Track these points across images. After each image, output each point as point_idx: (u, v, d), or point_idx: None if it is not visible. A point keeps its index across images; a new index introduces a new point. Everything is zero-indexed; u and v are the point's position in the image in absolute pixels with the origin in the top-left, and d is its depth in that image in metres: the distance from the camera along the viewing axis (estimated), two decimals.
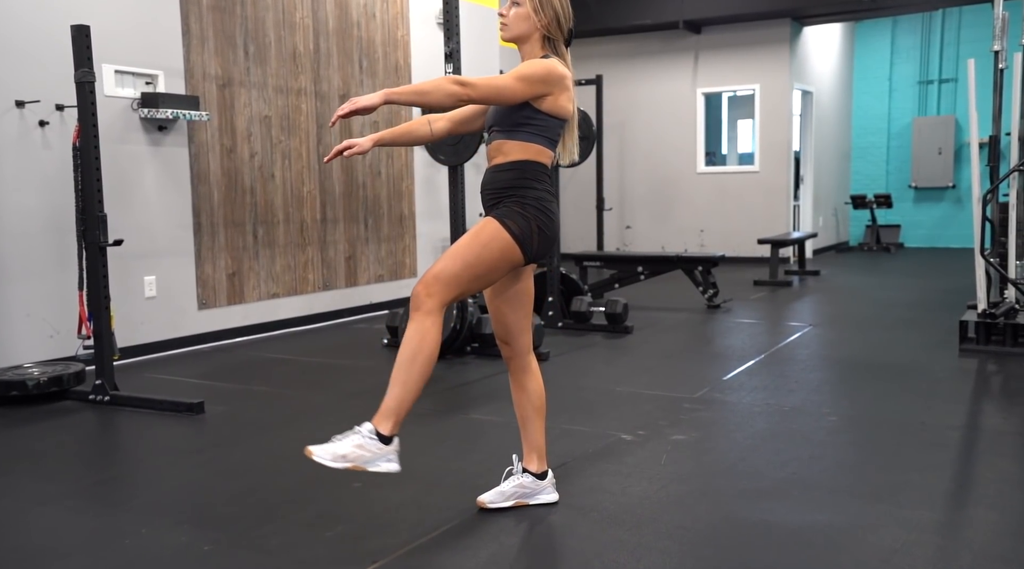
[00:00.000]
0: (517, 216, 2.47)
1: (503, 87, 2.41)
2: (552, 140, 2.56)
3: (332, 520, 2.63)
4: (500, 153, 2.55)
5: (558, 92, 2.48)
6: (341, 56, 6.31)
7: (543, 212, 2.52)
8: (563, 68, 2.50)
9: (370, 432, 2.35)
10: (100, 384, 4.04)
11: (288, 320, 6.03)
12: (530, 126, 2.51)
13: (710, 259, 6.80)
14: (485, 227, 2.47)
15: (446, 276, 2.42)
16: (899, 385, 4.28)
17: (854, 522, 2.55)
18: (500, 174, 2.54)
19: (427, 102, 2.34)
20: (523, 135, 2.52)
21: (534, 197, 2.50)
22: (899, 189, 12.24)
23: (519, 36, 2.56)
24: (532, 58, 2.54)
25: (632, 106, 10.66)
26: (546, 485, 2.69)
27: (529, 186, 2.51)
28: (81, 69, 3.84)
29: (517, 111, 2.50)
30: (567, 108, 2.53)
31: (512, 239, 2.47)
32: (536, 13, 2.52)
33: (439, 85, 2.32)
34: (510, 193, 2.51)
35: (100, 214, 3.94)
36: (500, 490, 2.66)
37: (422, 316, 2.39)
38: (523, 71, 2.43)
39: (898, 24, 12.04)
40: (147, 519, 2.66)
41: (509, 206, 2.50)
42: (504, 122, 2.55)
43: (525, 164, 2.52)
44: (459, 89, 2.33)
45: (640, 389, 4.24)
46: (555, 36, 2.55)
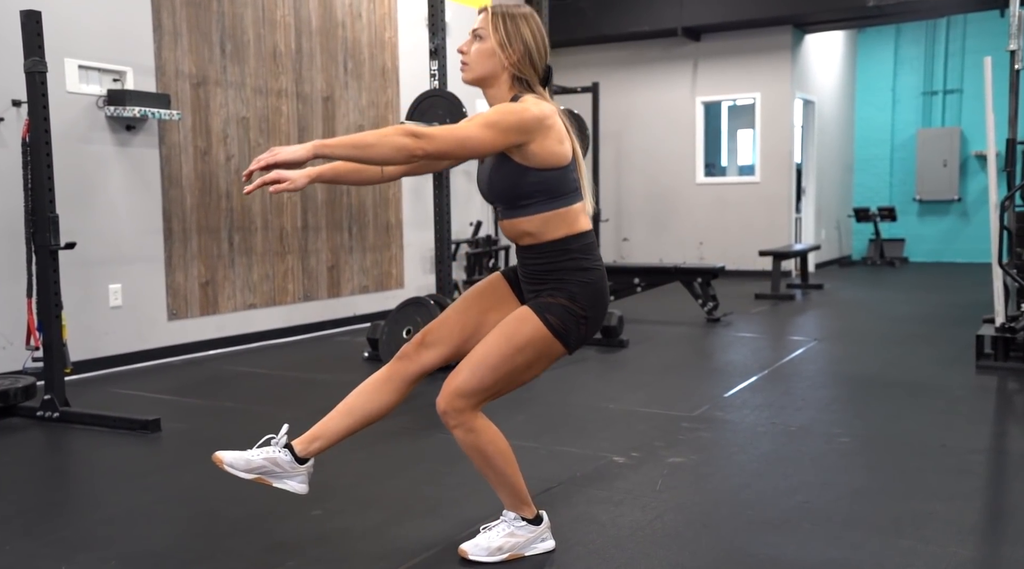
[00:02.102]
0: (561, 310, 2.11)
1: (467, 138, 1.97)
2: (571, 193, 2.14)
3: (282, 554, 2.32)
4: (522, 234, 2.15)
5: (541, 137, 2.05)
6: (325, 57, 6.04)
7: (594, 296, 2.14)
8: (540, 106, 2.07)
9: (515, 518, 2.25)
10: (49, 399, 3.73)
11: (266, 332, 5.72)
12: (536, 194, 2.11)
13: (710, 270, 6.50)
14: (522, 326, 2.11)
15: (472, 389, 2.10)
16: (914, 404, 3.97)
17: (876, 561, 2.23)
18: (537, 259, 2.15)
19: (369, 157, 1.90)
20: (535, 208, 2.12)
21: (583, 281, 2.13)
22: (903, 202, 11.97)
23: (483, 77, 2.14)
24: (500, 102, 2.14)
25: (630, 115, 10.40)
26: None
27: (577, 268, 2.13)
28: (31, 58, 3.55)
29: (507, 178, 2.11)
30: (560, 152, 2.10)
31: (553, 335, 2.11)
32: (503, 48, 2.11)
33: (385, 137, 1.89)
34: (554, 279, 2.13)
35: (51, 215, 3.64)
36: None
37: (460, 433, 2.14)
38: (490, 117, 2.01)
39: (901, 34, 11.81)
40: (69, 553, 2.35)
41: (554, 296, 2.12)
42: (502, 199, 2.16)
43: (565, 243, 2.13)
44: (411, 142, 1.90)
45: (635, 406, 3.93)
46: (527, 75, 2.14)
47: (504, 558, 2.24)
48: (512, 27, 2.13)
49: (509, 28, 2.13)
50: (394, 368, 2.24)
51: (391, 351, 4.74)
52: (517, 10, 2.17)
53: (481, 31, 2.15)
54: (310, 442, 2.22)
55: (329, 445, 2.23)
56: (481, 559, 2.24)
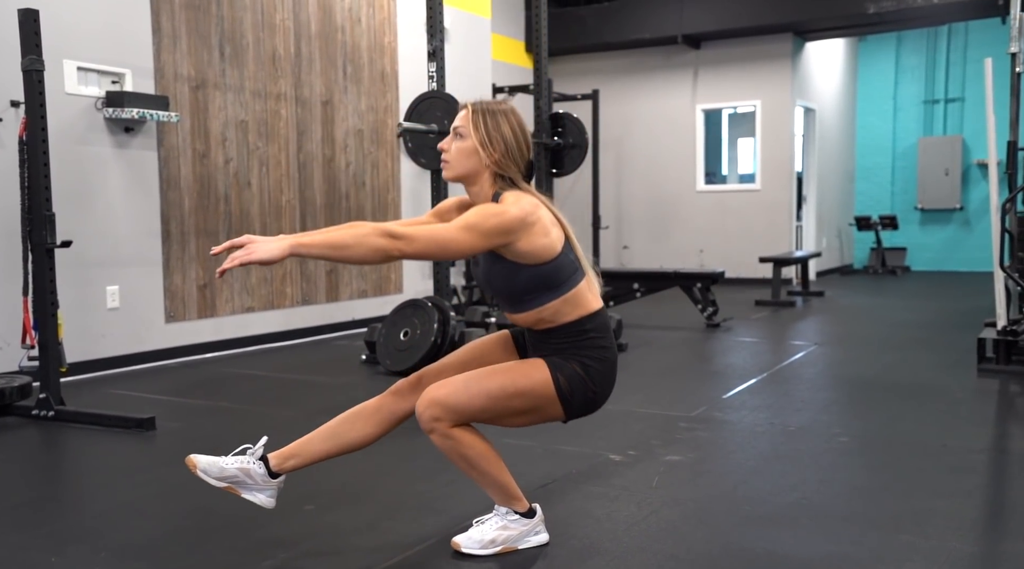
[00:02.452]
0: (574, 376, 2.11)
1: (447, 241, 1.96)
2: (572, 277, 2.12)
3: (273, 547, 2.30)
4: (536, 322, 2.15)
5: (525, 235, 2.03)
6: (324, 61, 6.05)
7: (606, 373, 2.15)
8: (520, 204, 2.05)
9: (508, 512, 2.23)
10: (45, 398, 3.71)
11: (264, 336, 5.70)
12: (536, 289, 2.10)
13: (709, 275, 6.48)
14: (532, 372, 2.10)
15: (455, 406, 2.07)
16: (915, 405, 3.94)
17: (874, 555, 2.20)
18: (554, 340, 2.15)
19: (345, 257, 1.89)
20: (539, 301, 2.11)
21: (600, 358, 2.14)
22: (905, 211, 11.95)
23: (465, 175, 2.14)
24: (482, 198, 2.14)
25: (630, 122, 10.41)
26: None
27: (595, 346, 2.13)
28: (29, 56, 3.55)
29: (504, 277, 2.11)
30: (548, 245, 2.07)
31: (556, 395, 2.10)
32: (483, 147, 2.11)
33: (363, 237, 1.89)
34: (573, 352, 2.13)
35: (47, 213, 3.63)
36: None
37: (439, 438, 2.11)
38: (471, 219, 1.99)
39: (902, 43, 11.83)
40: (62, 546, 2.32)
41: (568, 358, 2.12)
42: (503, 297, 2.16)
43: (580, 324, 2.13)
44: (388, 243, 1.89)
45: (632, 407, 3.90)
46: (509, 172, 2.13)
47: (497, 551, 2.22)
48: (492, 125, 2.13)
49: (489, 126, 2.12)
50: (384, 402, 2.24)
51: (388, 353, 4.72)
52: (497, 106, 2.16)
53: (461, 129, 2.15)
54: (286, 458, 2.20)
55: (304, 465, 2.22)
56: (474, 552, 2.21)
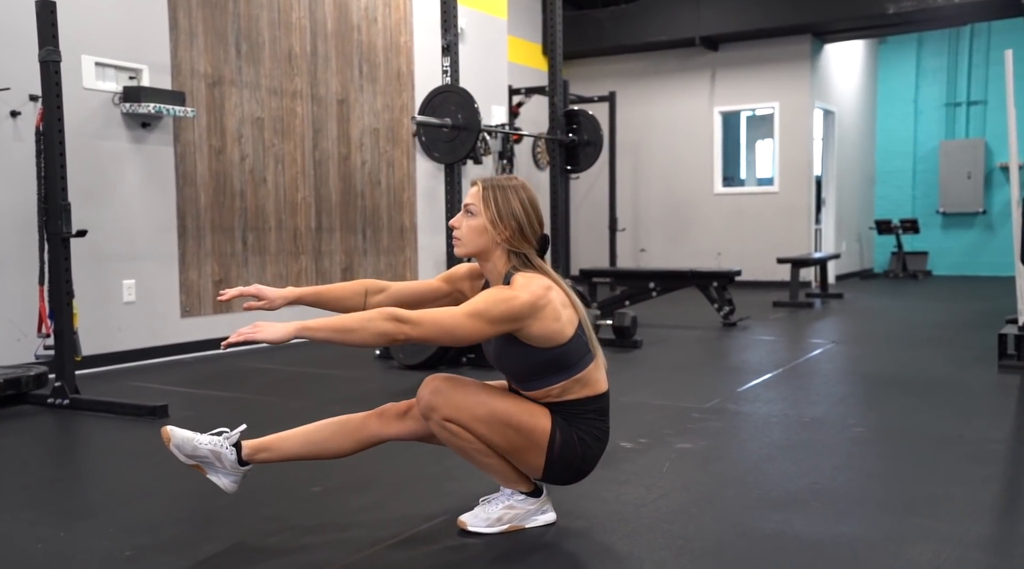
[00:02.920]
0: (571, 440, 2.11)
1: (454, 328, 1.96)
2: (583, 358, 2.10)
3: (279, 525, 2.29)
4: (542, 396, 2.14)
5: (535, 320, 2.01)
6: (340, 60, 6.08)
7: (593, 455, 2.16)
8: (530, 288, 2.02)
9: (512, 493, 2.22)
10: (60, 387, 3.74)
11: None
12: (546, 370, 2.09)
13: (726, 274, 6.44)
14: (537, 414, 2.11)
15: (460, 406, 2.07)
16: (933, 399, 3.88)
17: (886, 535, 2.16)
18: (553, 407, 2.14)
19: (351, 341, 1.90)
20: (550, 381, 2.10)
21: (596, 437, 2.16)
22: (926, 215, 11.82)
23: (477, 252, 2.13)
24: (495, 275, 2.13)
25: (647, 125, 10.39)
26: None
27: (591, 425, 2.15)
28: (46, 47, 3.60)
29: (514, 359, 2.10)
30: (559, 329, 2.05)
31: (546, 448, 2.10)
32: (494, 225, 2.09)
33: (369, 322, 1.89)
34: (570, 419, 2.13)
35: (63, 203, 3.67)
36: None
37: (437, 426, 2.11)
38: (479, 306, 1.97)
39: (923, 45, 11.73)
40: (69, 522, 2.33)
41: (571, 425, 2.12)
42: (514, 377, 2.16)
43: (582, 404, 2.13)
44: (393, 327, 1.90)
45: (645, 399, 3.87)
46: (522, 249, 2.11)
47: (503, 529, 2.20)
48: (503, 202, 2.11)
49: (500, 203, 2.10)
50: (369, 421, 2.22)
51: (401, 348, 4.72)
52: (508, 182, 2.15)
53: (472, 207, 2.13)
54: (258, 450, 2.20)
55: (275, 460, 2.22)
56: (480, 529, 2.19)
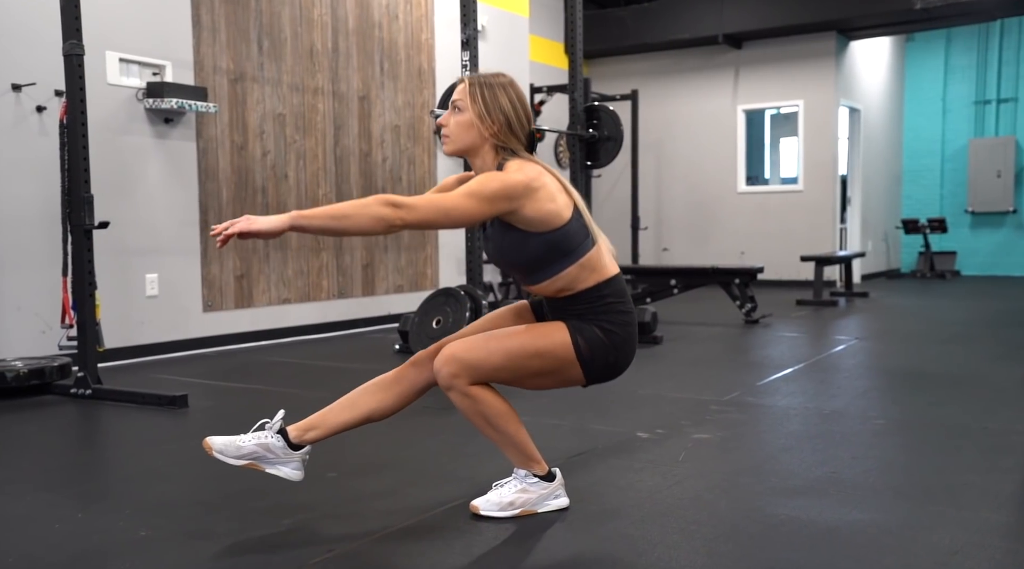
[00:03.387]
0: (595, 339, 2.09)
1: (450, 209, 1.95)
2: (584, 243, 2.09)
3: (293, 508, 2.30)
4: (555, 291, 2.13)
5: (530, 201, 2.01)
6: (361, 56, 6.11)
7: (626, 339, 2.13)
8: (524, 171, 2.04)
9: (526, 475, 2.20)
10: (82, 377, 3.78)
11: (299, 327, 5.76)
12: (545, 257, 2.07)
13: (748, 271, 6.39)
14: (552, 333, 2.09)
15: (473, 363, 2.06)
16: (957, 393, 3.82)
17: (903, 522, 2.13)
18: (571, 307, 2.13)
19: (347, 228, 1.89)
20: (552, 270, 2.09)
21: (620, 322, 2.12)
22: (954, 214, 11.66)
23: (465, 149, 2.13)
24: (485, 170, 2.12)
25: (670, 124, 10.34)
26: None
27: (614, 310, 2.12)
28: (69, 41, 3.65)
29: (514, 247, 2.09)
30: (554, 210, 2.04)
31: (576, 357, 2.08)
32: (482, 119, 2.09)
33: (364, 207, 1.88)
34: (592, 317, 2.11)
35: (86, 195, 3.71)
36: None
37: (456, 396, 2.10)
38: (473, 187, 1.98)
39: (952, 41, 11.58)
40: (86, 504, 2.36)
41: (588, 322, 2.11)
42: (516, 269, 2.14)
43: (598, 289, 2.11)
44: (390, 212, 1.88)
45: (664, 392, 3.85)
46: (510, 144, 2.11)
47: (516, 514, 2.19)
48: (491, 97, 2.11)
49: (487, 99, 2.11)
50: (404, 372, 2.23)
51: (421, 341, 4.73)
52: (495, 79, 2.15)
53: (459, 103, 2.13)
54: (306, 430, 2.19)
55: (325, 436, 2.20)
56: (492, 514, 2.19)
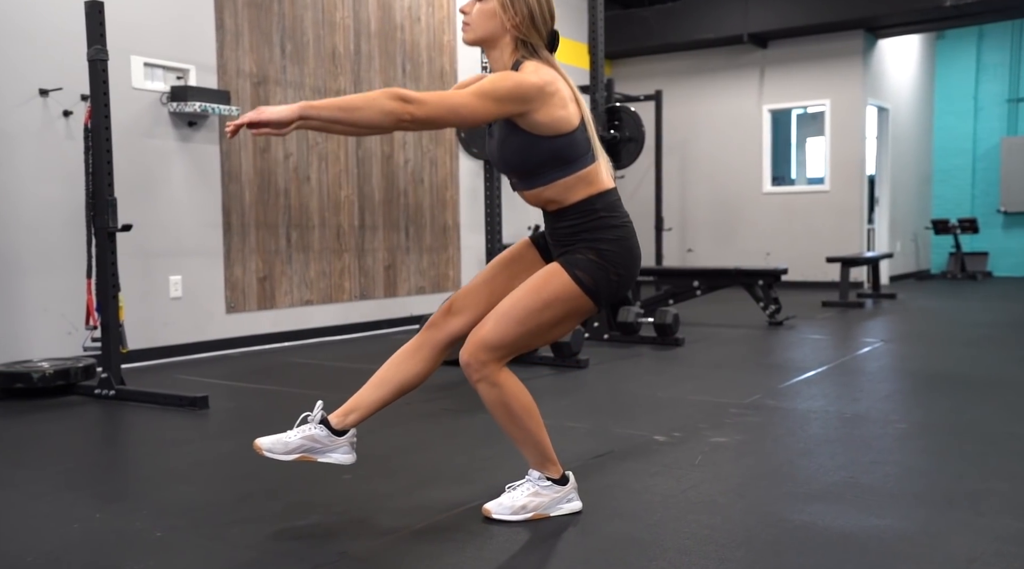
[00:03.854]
0: (591, 265, 2.08)
1: (459, 106, 1.92)
2: (585, 155, 2.09)
3: (308, 510, 2.32)
4: (546, 202, 2.13)
5: (543, 105, 2.00)
6: (383, 59, 6.14)
7: (624, 253, 2.12)
8: (540, 73, 2.02)
9: (540, 478, 2.20)
10: (106, 378, 3.83)
11: (322, 329, 5.80)
12: (549, 163, 2.06)
13: (772, 272, 6.33)
14: (550, 280, 2.09)
15: (496, 342, 2.07)
16: (983, 396, 3.76)
17: (921, 529, 2.10)
18: (564, 221, 2.12)
19: (355, 121, 1.87)
20: (550, 176, 2.07)
21: (612, 238, 2.10)
22: (986, 214, 11.47)
23: (485, 38, 2.11)
24: (502, 65, 2.11)
25: (695, 124, 10.28)
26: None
27: (606, 226, 2.10)
28: (94, 46, 3.70)
29: (518, 149, 2.07)
30: (565, 117, 2.04)
31: (582, 291, 2.08)
32: (504, 9, 2.06)
33: (373, 100, 1.86)
34: (582, 239, 2.11)
35: (110, 198, 3.76)
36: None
37: (484, 387, 2.10)
38: (485, 86, 1.96)
39: (984, 38, 11.39)
40: (104, 505, 2.39)
41: (583, 252, 2.10)
42: (515, 170, 2.12)
43: (589, 203, 2.09)
44: (399, 106, 1.86)
45: (684, 394, 3.83)
46: (531, 39, 2.09)
47: (528, 517, 2.19)
48: None
49: None
50: (424, 337, 2.23)
51: None
52: None
53: None
54: (345, 415, 2.21)
55: (365, 416, 2.22)
56: (504, 517, 2.18)
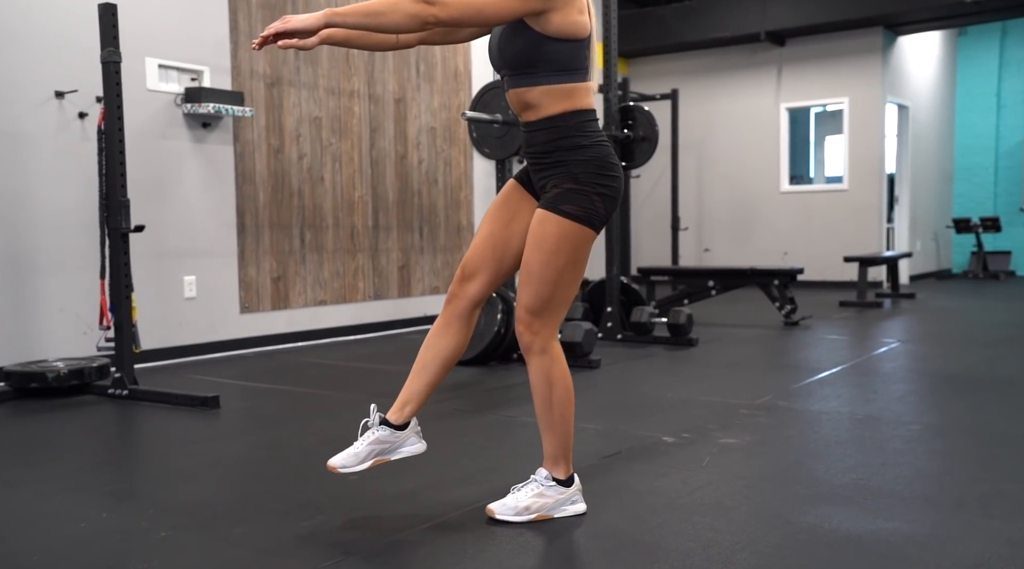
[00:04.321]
0: (571, 195, 2.08)
1: (483, 5, 1.94)
2: (580, 70, 2.09)
3: (313, 510, 2.32)
4: (525, 106, 2.13)
5: (563, 5, 2.01)
6: (397, 59, 6.15)
7: (601, 173, 2.10)
8: None
9: (546, 478, 2.21)
10: (119, 378, 3.86)
11: (336, 329, 5.81)
12: (545, 62, 2.06)
13: (788, 272, 6.28)
14: (544, 229, 2.09)
15: (540, 307, 2.11)
16: (1001, 398, 3.71)
17: (930, 532, 2.07)
18: (536, 135, 2.13)
19: (381, 24, 1.90)
20: (541, 77, 2.07)
21: (584, 159, 2.09)
22: (1009, 213, 11.33)
23: None
24: None
25: (711, 123, 10.22)
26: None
27: (576, 146, 2.09)
28: (107, 48, 3.73)
29: (518, 42, 2.07)
30: (580, 22, 2.05)
31: (577, 224, 2.08)
32: None
33: (396, 4, 1.88)
34: (555, 161, 2.10)
35: (123, 199, 3.79)
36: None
37: (536, 357, 2.14)
38: None
39: (1007, 34, 11.24)
40: (112, 504, 2.40)
41: (559, 185, 2.09)
42: (511, 62, 2.11)
43: (563, 119, 2.09)
44: (422, 8, 1.89)
45: (695, 395, 3.80)
46: None
47: (531, 518, 2.18)
48: None
49: None
50: (448, 312, 2.25)
51: None
52: None
53: None
54: (401, 409, 2.24)
55: (420, 404, 2.26)
56: (508, 518, 2.18)
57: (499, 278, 2.24)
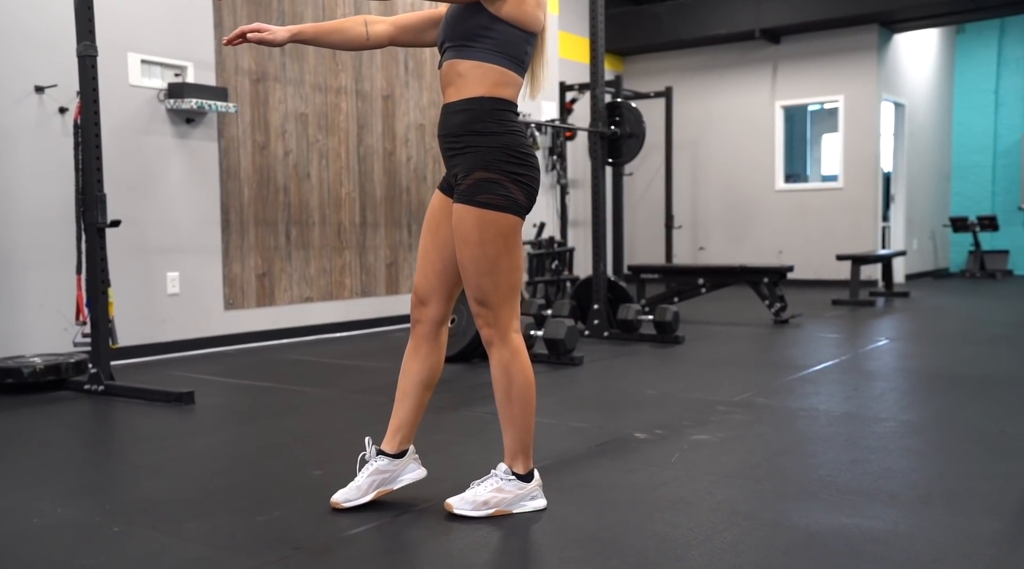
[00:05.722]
0: (485, 185, 2.06)
1: None
2: (517, 60, 2.11)
3: (270, 506, 2.29)
4: (451, 81, 2.12)
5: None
6: (385, 55, 6.13)
7: (511, 160, 2.08)
8: None
9: (506, 473, 2.19)
10: (95, 373, 3.85)
11: (321, 326, 5.79)
12: (486, 39, 2.07)
13: (777, 269, 6.24)
14: (466, 225, 2.08)
15: (484, 297, 2.12)
16: (980, 395, 3.67)
17: (889, 528, 2.04)
18: (452, 117, 2.12)
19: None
20: (478, 52, 2.08)
21: (495, 146, 2.07)
22: (1007, 212, 11.27)
23: None
24: None
25: (706, 121, 10.18)
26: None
27: (488, 131, 2.07)
28: (83, 42, 3.71)
29: (469, 18, 2.07)
30: (534, 16, 2.07)
31: (497, 212, 2.07)
32: None
33: None
34: (465, 145, 2.09)
35: (99, 194, 3.77)
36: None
37: (495, 350, 2.15)
38: None
39: (1006, 32, 11.18)
40: (69, 499, 2.38)
41: (469, 173, 2.08)
42: (454, 34, 2.11)
43: (480, 103, 2.08)
44: None
45: (674, 392, 3.77)
46: None
47: (490, 513, 2.15)
48: None
49: None
50: (415, 336, 2.28)
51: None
52: None
53: None
54: (394, 437, 2.27)
55: (412, 429, 2.29)
56: (466, 513, 2.15)
57: (452, 289, 2.25)
